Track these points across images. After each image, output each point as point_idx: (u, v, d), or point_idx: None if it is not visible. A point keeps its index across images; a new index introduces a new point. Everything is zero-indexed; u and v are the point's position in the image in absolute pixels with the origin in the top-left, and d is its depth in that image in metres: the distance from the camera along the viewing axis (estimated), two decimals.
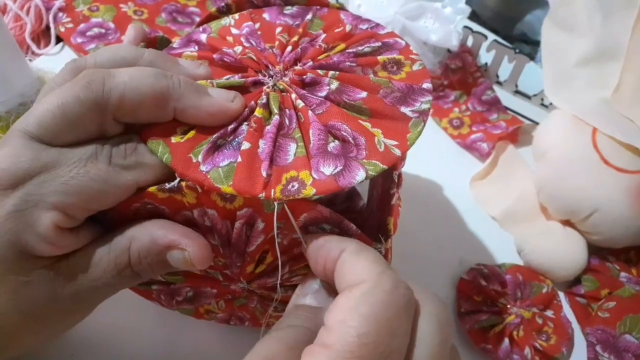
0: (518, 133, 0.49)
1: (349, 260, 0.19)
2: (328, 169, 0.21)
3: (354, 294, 0.18)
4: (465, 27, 0.51)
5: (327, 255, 0.20)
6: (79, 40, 0.49)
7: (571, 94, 0.42)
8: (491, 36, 0.52)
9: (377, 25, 0.28)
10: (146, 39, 0.28)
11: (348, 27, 0.28)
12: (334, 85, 0.24)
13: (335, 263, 0.20)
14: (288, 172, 0.21)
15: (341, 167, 0.21)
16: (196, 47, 0.28)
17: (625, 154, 0.38)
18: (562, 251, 0.39)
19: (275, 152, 0.22)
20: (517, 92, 0.52)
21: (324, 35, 0.27)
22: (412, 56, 0.26)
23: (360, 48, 0.26)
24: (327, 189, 0.20)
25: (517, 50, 0.49)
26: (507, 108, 0.50)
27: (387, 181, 0.26)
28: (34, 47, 0.49)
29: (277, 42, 0.27)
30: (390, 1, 0.50)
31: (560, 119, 0.42)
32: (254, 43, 0.27)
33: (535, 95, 0.51)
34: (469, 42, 0.51)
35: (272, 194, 0.20)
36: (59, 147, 0.21)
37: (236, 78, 0.25)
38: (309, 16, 0.29)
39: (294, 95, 0.24)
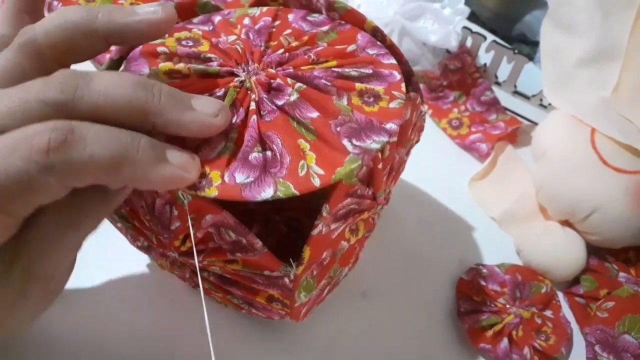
0: (517, 133, 0.49)
1: None
2: (240, 177, 0.21)
3: None
4: (465, 27, 0.51)
5: None
6: None
7: (570, 95, 0.42)
8: (490, 37, 0.52)
9: (386, 54, 0.27)
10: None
11: (351, 47, 0.27)
12: (293, 97, 0.24)
13: None
14: (204, 167, 0.22)
15: (252, 179, 0.21)
16: (210, 27, 0.28)
17: (624, 154, 0.38)
18: (561, 251, 0.39)
19: (202, 144, 0.22)
20: (516, 93, 0.52)
21: (321, 48, 0.27)
22: (396, 93, 0.25)
23: (347, 70, 0.26)
24: (229, 196, 0.21)
25: (516, 51, 0.49)
26: (506, 108, 0.50)
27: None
28: None
29: (276, 42, 0.27)
30: (390, 1, 0.50)
31: (559, 119, 0.42)
32: (251, 36, 0.27)
33: (534, 95, 0.51)
34: (468, 42, 0.51)
35: None
36: None
37: (214, 65, 0.25)
38: (326, 27, 0.28)
39: (253, 96, 0.24)
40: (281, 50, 0.26)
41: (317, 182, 0.22)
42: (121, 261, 0.35)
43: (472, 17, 0.59)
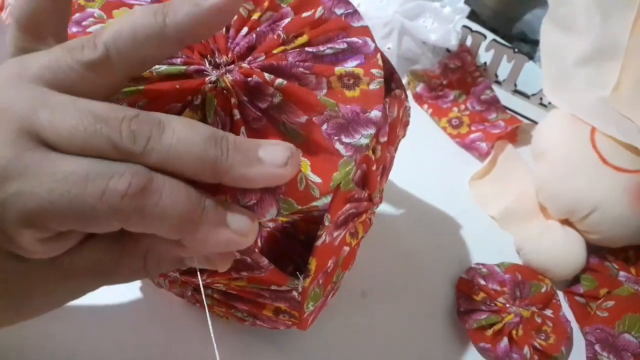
0: (517, 132, 0.49)
1: None
2: (243, 201, 0.20)
3: None
4: (464, 26, 0.51)
5: None
6: (74, 29, 0.48)
7: (570, 94, 0.42)
8: (490, 35, 0.52)
9: (354, 12, 0.25)
10: None
11: (319, 12, 0.25)
12: (277, 99, 0.22)
13: None
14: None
15: (255, 202, 0.20)
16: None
17: (623, 153, 0.38)
18: (561, 250, 0.39)
19: None
20: (516, 92, 0.52)
21: (288, 20, 0.24)
22: (374, 71, 0.24)
23: (322, 48, 0.24)
24: None
25: (516, 50, 0.49)
26: (506, 107, 0.50)
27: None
28: None
29: (236, 16, 0.24)
30: (390, 1, 0.50)
31: (559, 118, 0.42)
32: None
33: (534, 94, 0.51)
34: (468, 41, 0.51)
35: None
36: (49, 150, 0.17)
37: (178, 63, 0.23)
38: None
39: (233, 100, 0.22)
40: (245, 30, 0.24)
41: (317, 193, 0.21)
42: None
43: (472, 16, 0.59)
